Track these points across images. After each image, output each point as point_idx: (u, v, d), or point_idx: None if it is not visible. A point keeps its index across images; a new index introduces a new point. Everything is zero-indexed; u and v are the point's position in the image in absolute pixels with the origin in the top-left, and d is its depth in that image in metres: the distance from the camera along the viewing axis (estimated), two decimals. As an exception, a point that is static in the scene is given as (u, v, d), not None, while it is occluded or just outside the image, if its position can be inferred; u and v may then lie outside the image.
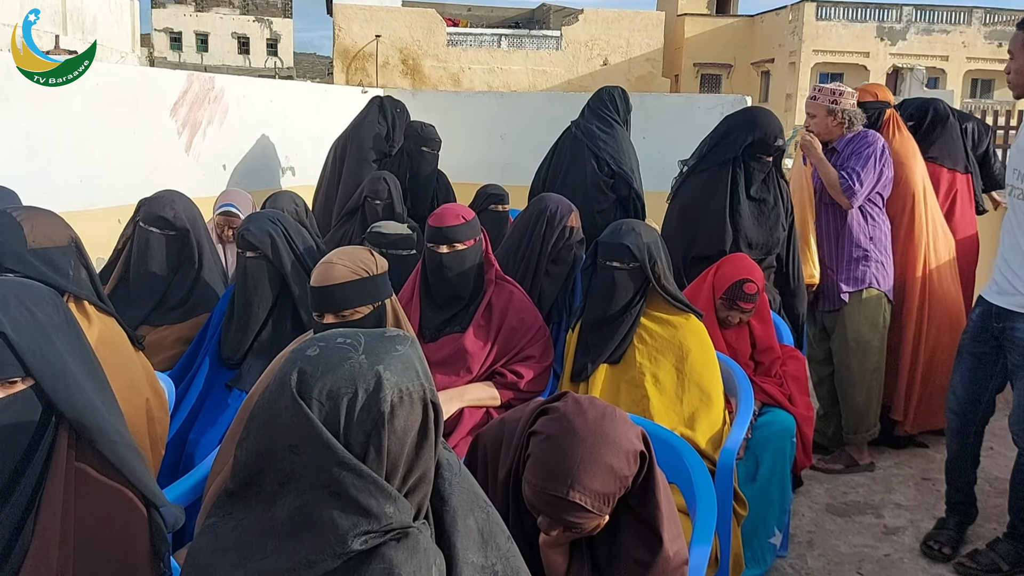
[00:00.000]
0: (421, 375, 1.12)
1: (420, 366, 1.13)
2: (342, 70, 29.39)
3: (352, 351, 1.10)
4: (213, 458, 2.08)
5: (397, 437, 1.09)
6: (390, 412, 1.08)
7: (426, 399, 1.12)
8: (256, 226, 2.59)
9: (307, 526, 1.07)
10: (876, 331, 3.65)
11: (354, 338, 1.13)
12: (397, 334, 1.16)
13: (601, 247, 2.63)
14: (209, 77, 4.54)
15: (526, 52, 30.88)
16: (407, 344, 1.14)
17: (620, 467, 1.48)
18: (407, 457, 1.11)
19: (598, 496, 1.46)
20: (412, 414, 1.10)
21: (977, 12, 31.82)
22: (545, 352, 2.74)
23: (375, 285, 2.04)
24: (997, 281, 2.84)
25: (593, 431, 1.48)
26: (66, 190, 3.48)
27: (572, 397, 1.58)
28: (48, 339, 1.31)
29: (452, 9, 36.91)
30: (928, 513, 3.36)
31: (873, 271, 3.61)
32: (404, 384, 1.09)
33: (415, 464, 1.12)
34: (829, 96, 3.60)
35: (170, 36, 48.47)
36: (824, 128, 3.63)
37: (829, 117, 3.60)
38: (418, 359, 1.14)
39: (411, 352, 1.13)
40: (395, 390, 1.08)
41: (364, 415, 1.07)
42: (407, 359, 1.12)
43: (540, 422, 1.55)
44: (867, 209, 3.61)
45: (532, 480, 1.49)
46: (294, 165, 5.26)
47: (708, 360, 2.57)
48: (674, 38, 33.66)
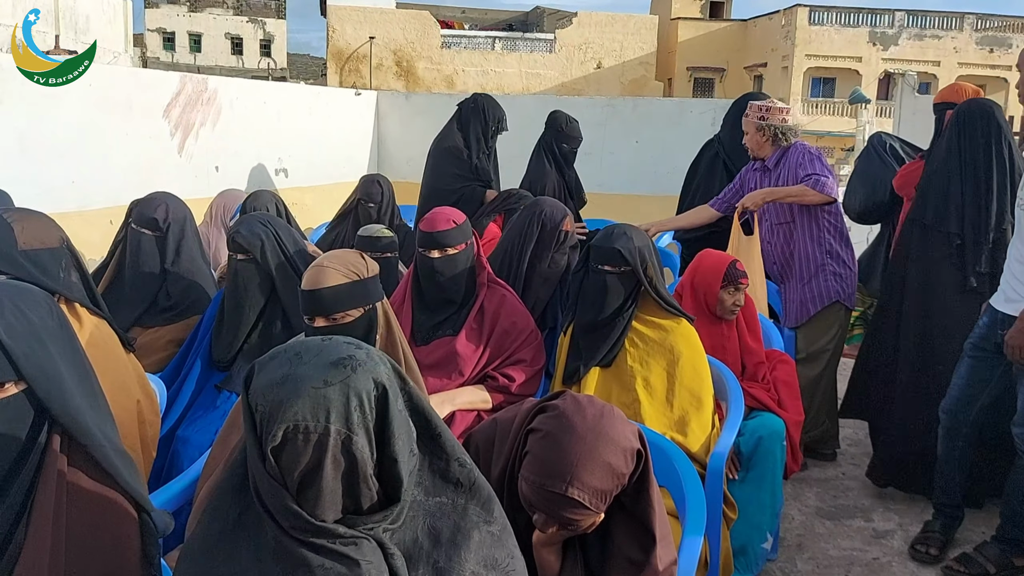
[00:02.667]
0: (336, 418, 1.06)
1: (342, 407, 1.06)
2: (336, 71, 29.37)
3: (287, 367, 1.08)
4: (203, 461, 2.08)
5: (282, 468, 1.07)
6: (278, 444, 1.05)
7: (327, 444, 1.06)
8: (247, 229, 2.60)
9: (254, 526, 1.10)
10: (832, 341, 3.73)
11: (306, 354, 1.10)
12: (347, 365, 1.09)
13: (593, 251, 2.64)
14: (202, 79, 4.54)
15: (520, 55, 30.91)
16: (342, 378, 1.07)
17: (618, 464, 1.49)
18: (296, 487, 1.08)
19: (596, 493, 1.47)
20: (300, 454, 1.06)
21: (969, 18, 31.98)
22: (537, 355, 2.74)
23: (366, 288, 2.04)
24: (1004, 290, 2.87)
25: (592, 428, 1.49)
26: (58, 191, 3.48)
27: (571, 395, 1.59)
28: (42, 343, 1.31)
29: (446, 11, 36.92)
30: (917, 517, 3.37)
31: (835, 284, 3.67)
32: (304, 422, 1.04)
33: (307, 504, 1.08)
34: (757, 113, 3.74)
35: (163, 36, 48.30)
36: (756, 144, 3.77)
37: (759, 134, 3.74)
38: (343, 399, 1.06)
39: (337, 390, 1.06)
40: (289, 424, 1.04)
41: (264, 434, 1.07)
42: (325, 397, 1.05)
43: (538, 419, 1.56)
44: (824, 222, 3.66)
45: (530, 477, 1.50)
46: (287, 167, 5.26)
47: (699, 364, 2.58)
48: (667, 42, 33.73)
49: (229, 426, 2.03)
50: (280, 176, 5.26)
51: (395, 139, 6.54)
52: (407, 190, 5.68)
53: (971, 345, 3.00)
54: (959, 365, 3.05)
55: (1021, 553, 2.94)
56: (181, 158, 4.29)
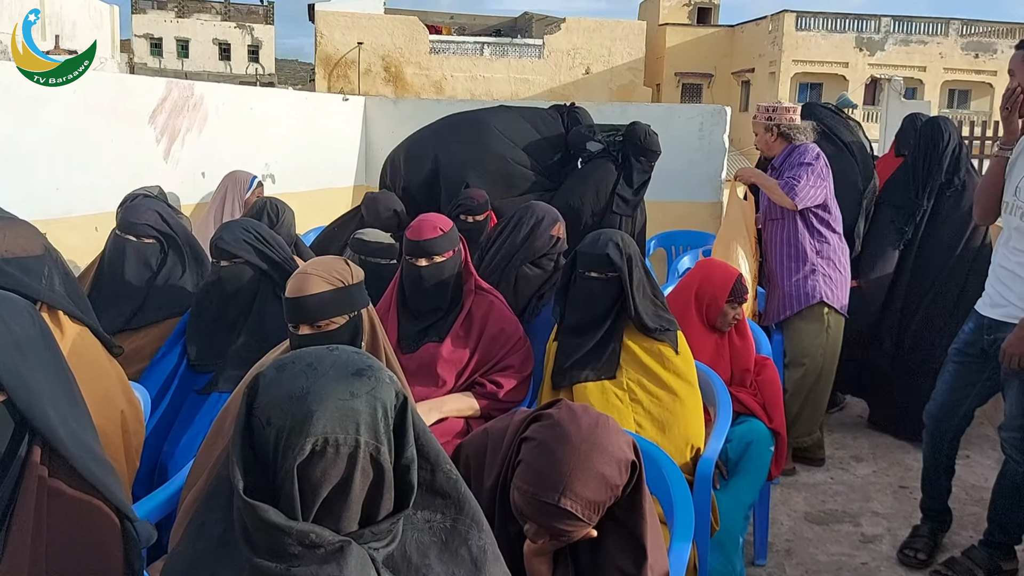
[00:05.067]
0: (364, 430, 1.05)
1: (370, 420, 1.06)
2: (324, 77, 29.31)
3: (304, 379, 1.06)
4: (188, 469, 2.06)
5: (309, 485, 1.04)
6: (305, 459, 1.03)
7: (358, 456, 1.05)
8: (230, 235, 2.58)
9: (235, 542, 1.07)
10: (818, 347, 3.74)
11: (320, 365, 1.08)
12: (370, 376, 1.09)
13: (580, 257, 2.64)
14: (188, 84, 4.51)
15: (508, 60, 30.91)
16: (368, 390, 1.07)
17: (612, 476, 1.48)
18: (319, 508, 1.06)
19: (589, 504, 1.46)
20: (332, 468, 1.04)
21: (954, 23, 32.19)
22: (525, 362, 2.73)
23: (350, 295, 2.03)
24: (990, 294, 2.88)
25: (586, 439, 1.48)
26: (43, 198, 3.44)
27: (566, 404, 1.58)
28: (22, 353, 1.30)
29: (435, 17, 36.95)
30: (905, 521, 3.38)
31: (823, 285, 3.70)
32: (334, 434, 1.03)
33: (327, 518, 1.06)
34: (765, 114, 3.83)
35: (150, 42, 48.13)
36: (765, 144, 3.86)
37: (767, 134, 3.82)
38: (371, 412, 1.06)
39: (364, 402, 1.06)
40: (320, 438, 1.02)
41: (287, 451, 1.03)
42: (353, 409, 1.05)
43: (533, 428, 1.55)
44: (814, 224, 3.73)
45: (523, 486, 1.49)
46: (274, 172, 5.24)
47: (688, 369, 2.58)
48: (655, 47, 33.81)
49: (214, 434, 2.01)
50: (267, 182, 5.23)
51: (383, 145, 6.50)
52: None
53: (955, 350, 3.00)
54: (943, 370, 3.06)
55: (1008, 557, 2.95)
56: (167, 164, 4.26)
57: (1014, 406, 2.78)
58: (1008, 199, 2.83)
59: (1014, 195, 2.80)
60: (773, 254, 3.82)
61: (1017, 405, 2.77)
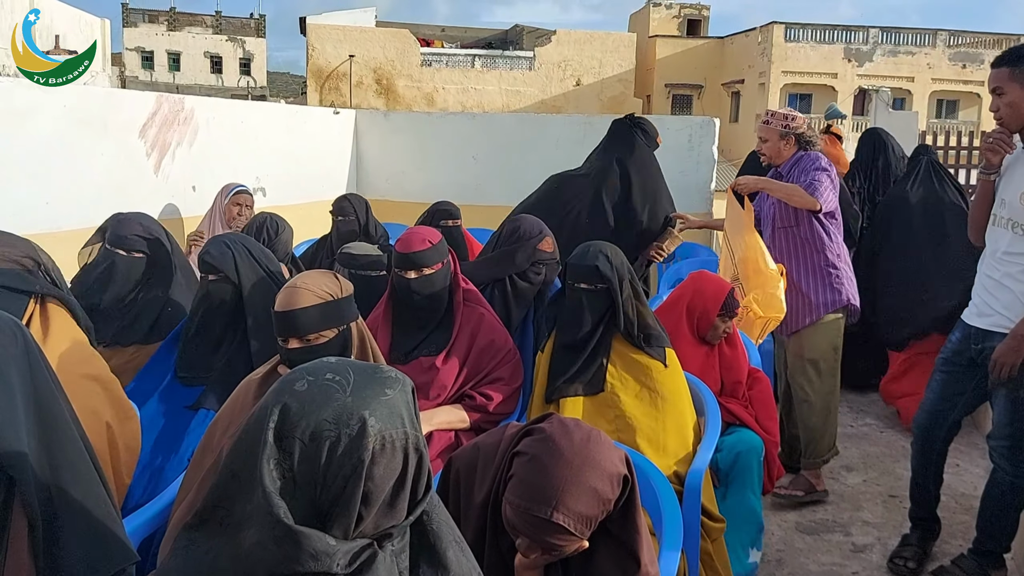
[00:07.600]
0: (406, 421, 1.11)
1: (407, 412, 1.12)
2: (316, 90, 29.38)
3: (339, 390, 1.09)
4: (178, 484, 2.06)
5: (375, 484, 1.08)
6: (370, 460, 1.07)
7: (408, 447, 1.11)
8: (217, 249, 2.58)
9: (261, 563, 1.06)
10: (836, 352, 3.71)
11: (344, 375, 1.11)
12: (389, 375, 1.14)
13: (570, 269, 2.65)
14: (179, 98, 4.51)
15: (499, 72, 31.06)
16: (397, 388, 1.13)
17: (604, 490, 1.47)
18: (382, 503, 1.09)
19: (581, 519, 1.45)
20: (392, 462, 1.09)
21: (942, 34, 32.46)
22: (515, 374, 2.74)
23: (339, 309, 2.03)
24: (976, 304, 2.90)
25: (579, 453, 1.47)
26: (31, 211, 3.44)
27: (557, 419, 1.57)
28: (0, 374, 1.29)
29: (426, 29, 37.08)
30: (895, 531, 3.39)
31: (848, 287, 3.65)
32: (388, 431, 1.08)
33: (388, 512, 1.11)
34: (782, 121, 3.75)
35: (142, 55, 48.13)
36: (775, 151, 3.77)
37: (782, 141, 3.74)
38: (405, 404, 1.13)
39: (399, 397, 1.12)
40: (378, 437, 1.07)
41: (344, 459, 1.06)
42: (394, 405, 1.11)
43: (524, 442, 1.54)
44: (830, 229, 3.66)
45: (515, 500, 1.48)
46: (265, 186, 5.24)
47: (677, 382, 2.58)
48: (646, 59, 34.00)
49: (202, 449, 2.01)
50: (258, 195, 5.24)
51: (374, 158, 6.53)
52: (387, 208, 5.67)
53: (943, 360, 3.02)
54: (931, 380, 3.08)
55: (997, 565, 2.96)
56: (157, 178, 4.26)
57: (1002, 415, 2.80)
58: (994, 211, 2.86)
59: (999, 207, 2.82)
60: (792, 261, 3.71)
61: (1005, 414, 2.79)
